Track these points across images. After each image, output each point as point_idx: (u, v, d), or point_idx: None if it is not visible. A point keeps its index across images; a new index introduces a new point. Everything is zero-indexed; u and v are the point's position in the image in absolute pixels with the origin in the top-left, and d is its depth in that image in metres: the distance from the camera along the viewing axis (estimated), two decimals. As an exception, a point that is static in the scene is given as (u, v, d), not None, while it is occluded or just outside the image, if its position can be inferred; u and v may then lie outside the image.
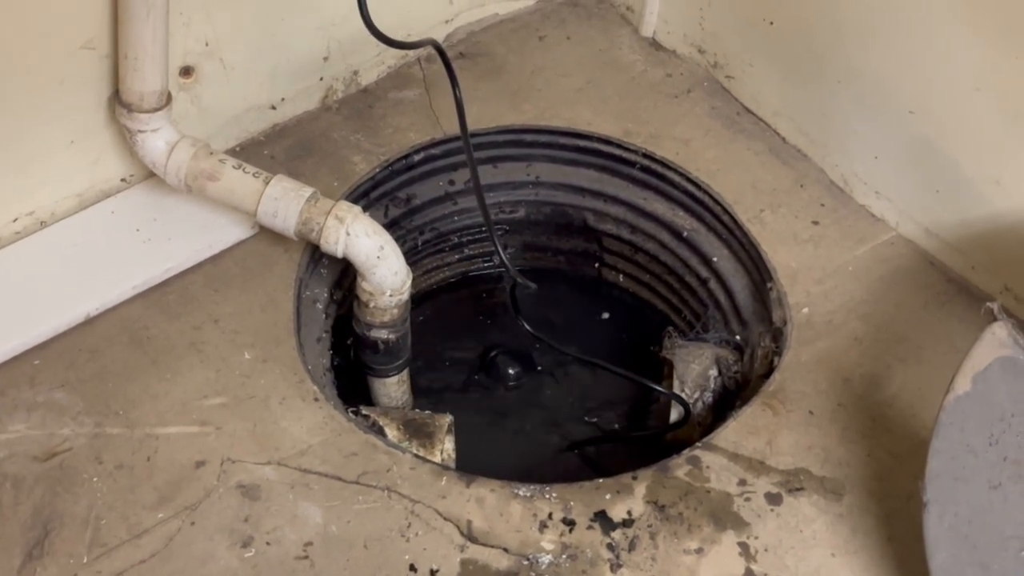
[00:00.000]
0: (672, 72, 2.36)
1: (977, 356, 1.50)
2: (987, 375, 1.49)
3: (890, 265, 2.03)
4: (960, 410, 1.50)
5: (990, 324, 1.51)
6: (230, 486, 1.68)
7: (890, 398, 1.84)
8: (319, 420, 1.77)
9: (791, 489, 1.72)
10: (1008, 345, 1.48)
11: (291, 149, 2.14)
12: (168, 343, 1.85)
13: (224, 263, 1.96)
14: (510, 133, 2.21)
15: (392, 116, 2.21)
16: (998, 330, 1.49)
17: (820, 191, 2.14)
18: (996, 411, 1.49)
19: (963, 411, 1.50)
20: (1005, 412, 1.49)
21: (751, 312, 2.05)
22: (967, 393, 1.50)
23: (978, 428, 1.50)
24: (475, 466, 1.85)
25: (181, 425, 1.74)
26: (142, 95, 1.82)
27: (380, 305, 1.90)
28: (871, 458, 1.76)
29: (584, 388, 2.38)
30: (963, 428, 1.50)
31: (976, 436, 1.50)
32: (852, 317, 1.95)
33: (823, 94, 2.10)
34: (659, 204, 2.20)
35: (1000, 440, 1.49)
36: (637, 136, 2.20)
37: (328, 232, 1.82)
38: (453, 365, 2.40)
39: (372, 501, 1.67)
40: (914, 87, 1.93)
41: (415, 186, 2.20)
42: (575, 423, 2.32)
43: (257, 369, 1.82)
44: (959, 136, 1.90)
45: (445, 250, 2.32)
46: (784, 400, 1.83)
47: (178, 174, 1.88)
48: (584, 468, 2.19)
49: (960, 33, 1.81)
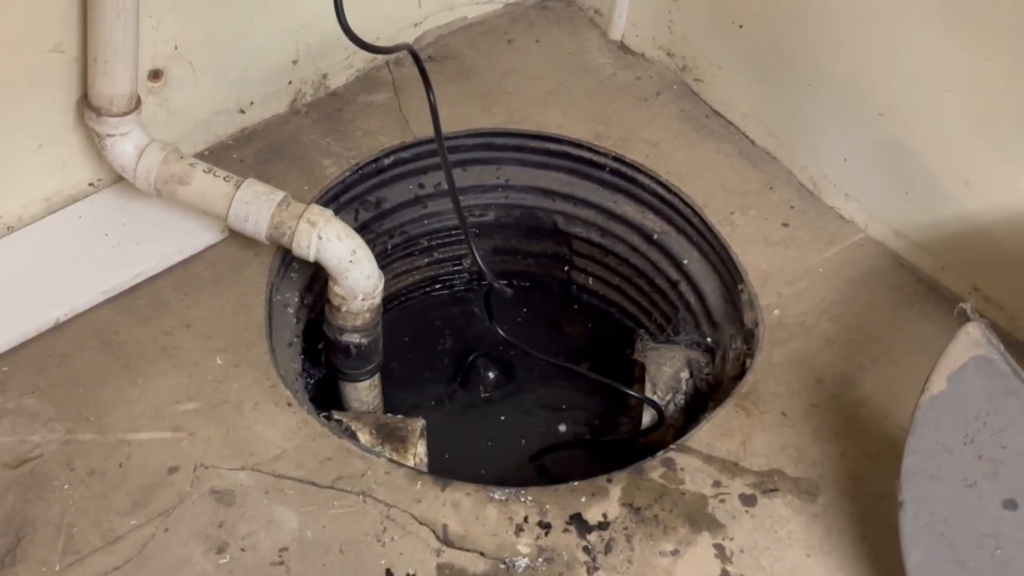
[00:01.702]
0: (641, 75, 2.36)
1: (952, 356, 1.51)
2: (962, 375, 1.50)
3: (860, 266, 2.04)
4: (935, 409, 1.51)
5: (964, 324, 1.52)
6: (204, 492, 1.66)
7: (863, 398, 1.85)
8: (293, 425, 1.76)
9: (765, 490, 1.73)
10: (982, 345, 1.50)
11: (260, 153, 2.13)
12: (139, 348, 1.83)
13: (195, 267, 1.95)
14: (480, 136, 2.21)
15: (361, 119, 2.21)
16: (972, 330, 1.50)
17: (790, 193, 2.15)
18: (971, 410, 1.50)
19: (938, 410, 1.51)
20: (980, 411, 1.50)
21: (722, 314, 2.06)
22: (942, 392, 1.51)
23: (953, 427, 1.51)
24: (448, 471, 1.85)
25: (153, 431, 1.73)
26: (111, 99, 1.81)
27: (352, 309, 1.89)
28: (845, 457, 1.77)
29: (557, 392, 2.38)
30: (938, 427, 1.51)
31: (951, 435, 1.51)
32: (823, 318, 1.96)
33: (792, 97, 2.11)
34: (629, 207, 2.20)
35: (975, 439, 1.50)
36: (607, 139, 2.20)
37: (300, 236, 1.81)
38: (424, 369, 2.39)
39: (347, 506, 1.66)
40: (884, 89, 1.94)
41: (385, 190, 2.19)
42: (548, 428, 2.32)
43: (229, 374, 1.81)
44: (928, 137, 1.91)
45: (415, 254, 2.31)
46: (757, 401, 1.84)
47: (148, 178, 1.86)
48: (558, 472, 2.18)
49: (930, 35, 1.82)
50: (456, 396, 2.37)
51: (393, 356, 2.11)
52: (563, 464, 2.21)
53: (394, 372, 2.17)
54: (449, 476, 1.74)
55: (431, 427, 1.97)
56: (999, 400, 1.49)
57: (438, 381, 2.39)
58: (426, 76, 1.81)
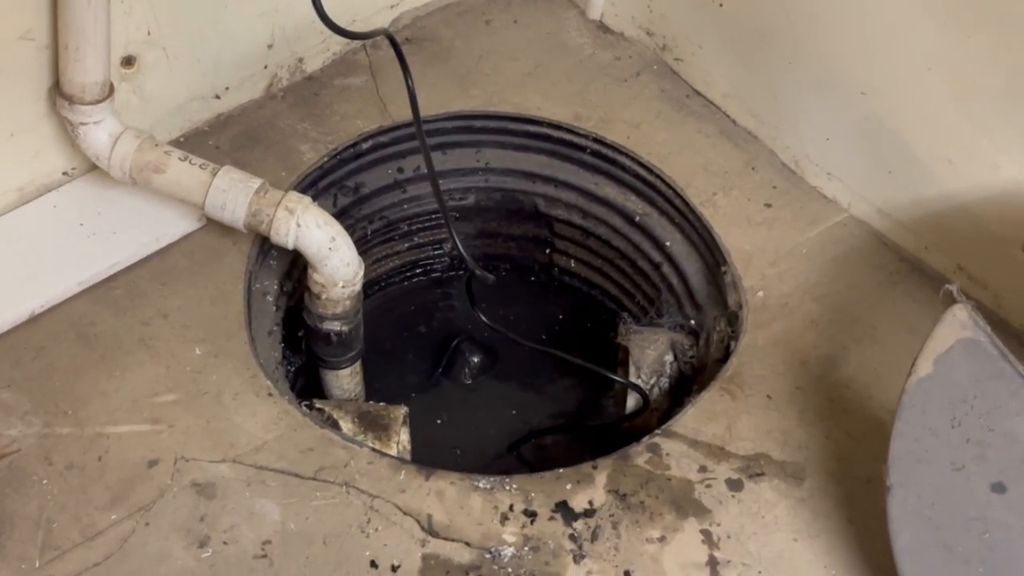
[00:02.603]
0: (621, 55, 2.34)
1: (938, 338, 1.50)
2: (948, 357, 1.49)
3: (843, 246, 2.03)
4: (922, 392, 1.50)
5: (950, 306, 1.50)
6: (184, 485, 1.64)
7: (847, 379, 1.84)
8: (274, 415, 1.74)
9: (752, 474, 1.72)
10: (969, 327, 1.48)
11: (237, 139, 2.10)
12: (116, 339, 1.81)
13: (172, 256, 1.92)
14: (459, 119, 2.18)
15: (338, 103, 2.18)
16: (959, 312, 1.49)
17: (772, 173, 2.13)
18: (958, 393, 1.49)
19: (925, 393, 1.50)
20: (967, 394, 1.49)
21: (705, 296, 2.05)
22: (929, 375, 1.50)
23: (940, 410, 1.50)
24: (431, 458, 1.83)
25: (132, 423, 1.71)
26: (84, 86, 1.78)
27: (332, 297, 1.87)
28: (830, 440, 1.76)
29: (540, 377, 2.37)
30: (925, 410, 1.50)
31: (938, 418, 1.50)
32: (807, 299, 1.95)
33: (773, 76, 2.09)
34: (610, 188, 2.18)
35: (963, 422, 1.49)
36: (587, 120, 2.18)
37: (278, 224, 1.79)
38: (406, 354, 2.38)
39: (330, 497, 1.65)
40: (865, 68, 1.92)
41: (363, 174, 2.16)
42: (531, 413, 2.31)
43: (209, 364, 1.79)
44: (911, 116, 1.90)
45: (395, 238, 2.29)
46: (742, 384, 1.83)
47: (122, 167, 1.83)
48: (542, 460, 2.17)
49: (911, 12, 1.81)
50: (439, 382, 2.36)
51: (374, 342, 2.09)
52: (547, 450, 2.21)
53: (375, 358, 2.15)
54: (432, 464, 1.73)
55: (414, 414, 1.95)
56: (986, 383, 1.48)
57: (420, 366, 2.37)
58: (404, 62, 1.79)
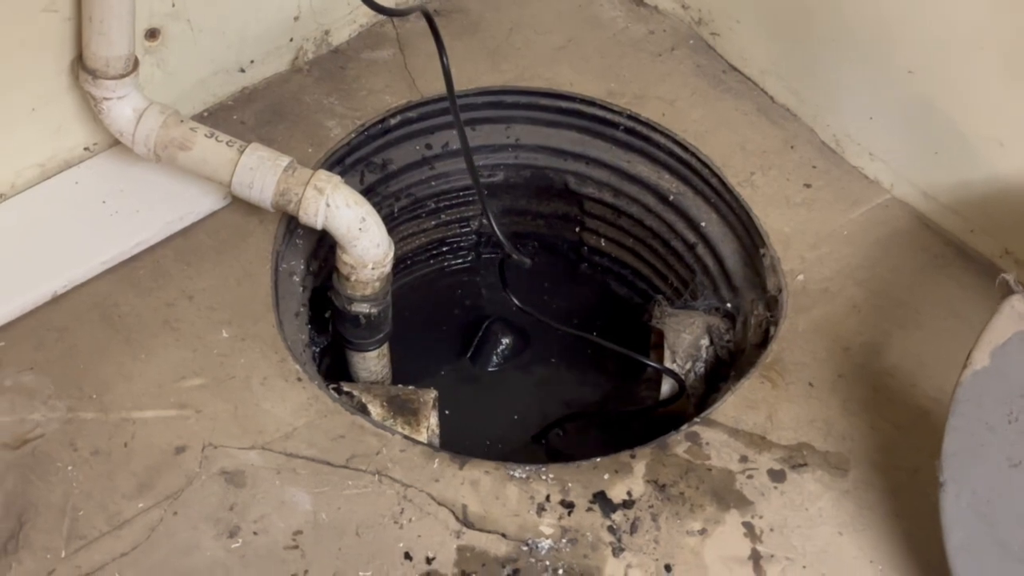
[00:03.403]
0: (655, 29, 2.28)
1: (995, 330, 1.46)
2: (1006, 350, 1.45)
3: (886, 228, 1.98)
4: (978, 386, 1.46)
5: (1008, 297, 1.46)
6: (213, 472, 1.60)
7: (890, 367, 1.79)
8: (303, 401, 1.70)
9: (794, 465, 1.67)
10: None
11: (262, 114, 2.05)
12: (140, 321, 1.76)
13: (196, 236, 1.88)
14: (489, 95, 2.13)
15: (366, 77, 2.13)
16: (1017, 303, 1.46)
17: (811, 152, 2.08)
18: (1016, 387, 1.45)
19: (981, 387, 1.46)
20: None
21: (742, 278, 1.99)
22: (985, 368, 1.46)
23: (997, 404, 1.46)
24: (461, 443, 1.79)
25: (158, 408, 1.67)
26: (108, 60, 1.73)
27: (362, 279, 1.82)
28: (874, 430, 1.72)
29: (572, 361, 2.33)
30: (981, 404, 1.46)
31: (995, 413, 1.46)
32: (849, 283, 1.90)
33: (814, 52, 2.03)
34: (644, 167, 2.13)
35: (1020, 417, 1.45)
36: (621, 97, 2.13)
37: (307, 204, 1.74)
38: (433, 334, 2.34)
39: (363, 486, 1.61)
40: (912, 45, 1.86)
41: (391, 151, 2.12)
42: (563, 397, 2.27)
43: (236, 348, 1.75)
44: (960, 96, 1.84)
45: (422, 216, 2.24)
46: (782, 372, 1.78)
47: (147, 143, 1.79)
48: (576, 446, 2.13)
49: (965, -14, 1.75)
50: (468, 364, 2.32)
51: (401, 321, 2.04)
52: (580, 437, 2.16)
53: (402, 338, 2.10)
54: (463, 449, 1.68)
55: (442, 397, 1.91)
56: (1045, 376, 1.44)
57: (449, 348, 2.34)
58: (440, 40, 1.73)
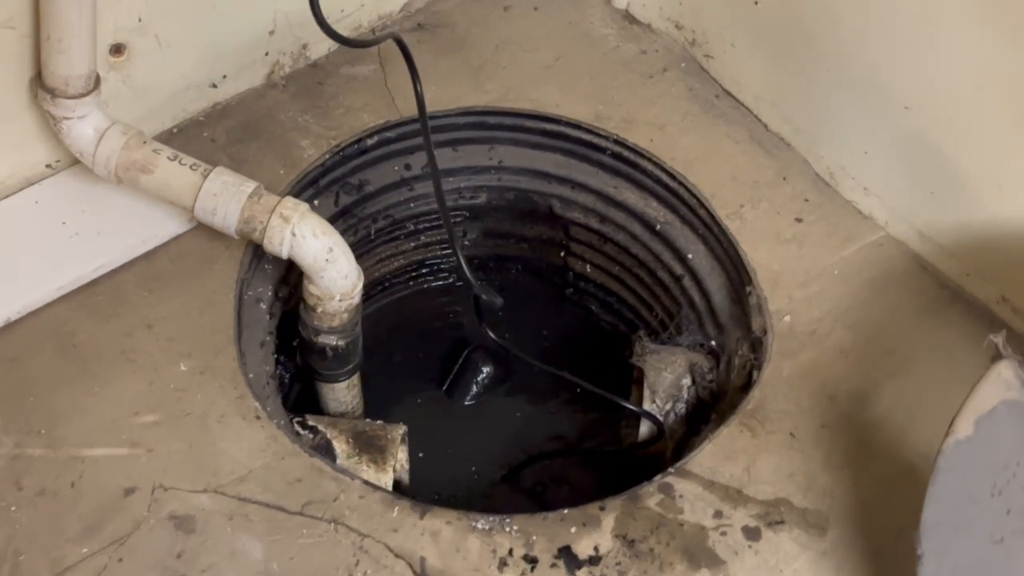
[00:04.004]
0: (647, 48, 2.20)
1: (981, 397, 1.38)
2: (992, 419, 1.38)
3: (879, 268, 1.89)
4: (961, 455, 1.38)
5: (996, 362, 1.38)
6: (162, 517, 1.54)
7: (878, 419, 1.71)
8: (261, 441, 1.63)
9: (771, 522, 1.60)
10: (1015, 388, 1.37)
11: (234, 131, 1.97)
12: (97, 351, 1.70)
13: (160, 260, 1.81)
14: (471, 115, 2.05)
15: (344, 95, 2.05)
16: (1004, 370, 1.38)
17: (805, 184, 1.99)
18: (1000, 459, 1.38)
19: (964, 457, 1.38)
20: (1010, 460, 1.38)
21: (728, 316, 1.92)
22: (969, 438, 1.38)
23: (980, 476, 1.38)
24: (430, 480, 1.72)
25: (109, 446, 1.60)
26: (67, 79, 1.66)
27: (328, 310, 1.76)
28: (858, 486, 1.64)
29: (552, 394, 2.27)
30: (964, 475, 1.38)
31: (978, 485, 1.38)
32: (838, 326, 1.82)
33: (810, 81, 1.95)
34: (631, 193, 2.05)
35: (1004, 491, 1.37)
36: (608, 120, 2.05)
37: (272, 232, 1.67)
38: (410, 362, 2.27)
39: (318, 535, 1.54)
40: (911, 80, 1.78)
41: (368, 171, 2.04)
42: (541, 433, 2.21)
43: (194, 382, 1.68)
44: (959, 136, 1.75)
45: (400, 238, 2.16)
46: (764, 420, 1.71)
47: (108, 165, 1.72)
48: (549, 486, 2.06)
49: (964, 22, 1.66)
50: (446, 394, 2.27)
51: (377, 347, 1.98)
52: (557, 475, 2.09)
53: (378, 364, 2.04)
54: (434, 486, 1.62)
55: (416, 428, 1.85)
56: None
57: (426, 376, 2.28)
58: (414, 68, 1.67)
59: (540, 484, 2.10)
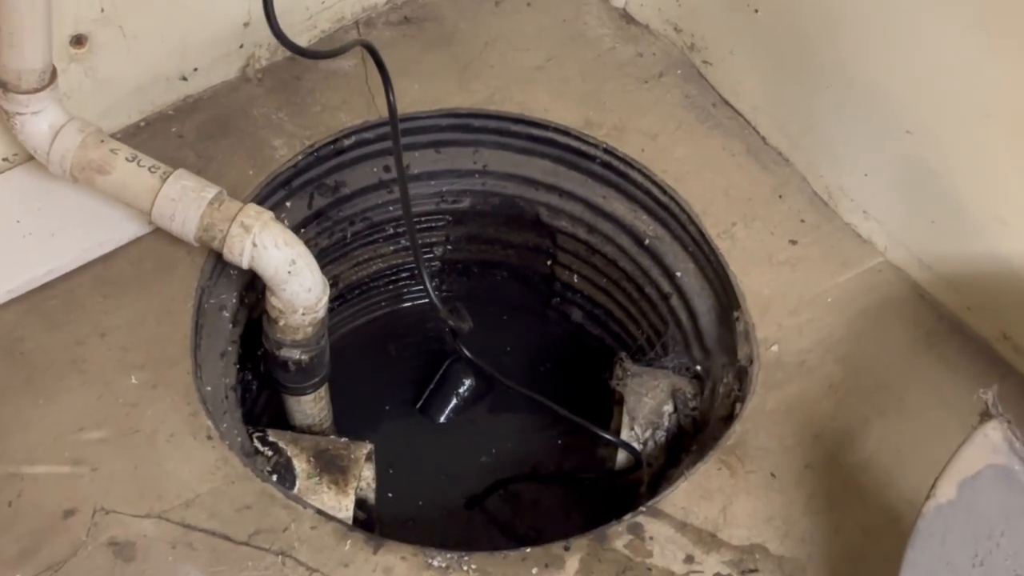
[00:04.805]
0: (643, 51, 2.09)
1: (965, 460, 1.29)
2: (976, 484, 1.29)
3: (875, 295, 1.80)
4: (942, 520, 1.30)
5: (983, 423, 1.28)
6: (101, 542, 1.46)
7: (865, 461, 1.62)
8: (211, 463, 1.55)
9: (744, 570, 1.51)
10: (1003, 452, 1.28)
11: (204, 127, 1.88)
12: (46, 359, 1.62)
13: (117, 264, 1.73)
14: (455, 117, 1.96)
15: (322, 91, 1.95)
16: (992, 432, 1.28)
17: (801, 203, 1.89)
18: (983, 526, 1.29)
19: (945, 521, 1.30)
20: (994, 529, 1.29)
21: (715, 339, 1.83)
22: (951, 502, 1.30)
23: (961, 544, 1.30)
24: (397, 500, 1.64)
25: (52, 463, 1.53)
26: (19, 74, 1.57)
27: (291, 324, 1.67)
28: (838, 534, 1.55)
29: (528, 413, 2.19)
30: (944, 541, 1.30)
31: (959, 553, 1.30)
32: (828, 358, 1.72)
33: (811, 95, 1.84)
34: (620, 204, 1.96)
35: (986, 561, 1.29)
36: (599, 128, 1.95)
37: (232, 241, 1.59)
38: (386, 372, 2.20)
39: (263, 568, 1.46)
40: (914, 104, 1.68)
41: (345, 172, 1.95)
42: (516, 453, 2.14)
43: (145, 396, 1.60)
44: (961, 165, 1.65)
45: (378, 241, 2.08)
46: (744, 457, 1.62)
47: (62, 164, 1.64)
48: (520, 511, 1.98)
49: (970, 48, 1.56)
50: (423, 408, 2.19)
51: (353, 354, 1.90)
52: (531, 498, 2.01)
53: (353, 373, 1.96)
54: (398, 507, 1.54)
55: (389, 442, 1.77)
56: (1018, 519, 1.28)
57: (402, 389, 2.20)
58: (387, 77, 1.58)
59: (512, 508, 2.02)
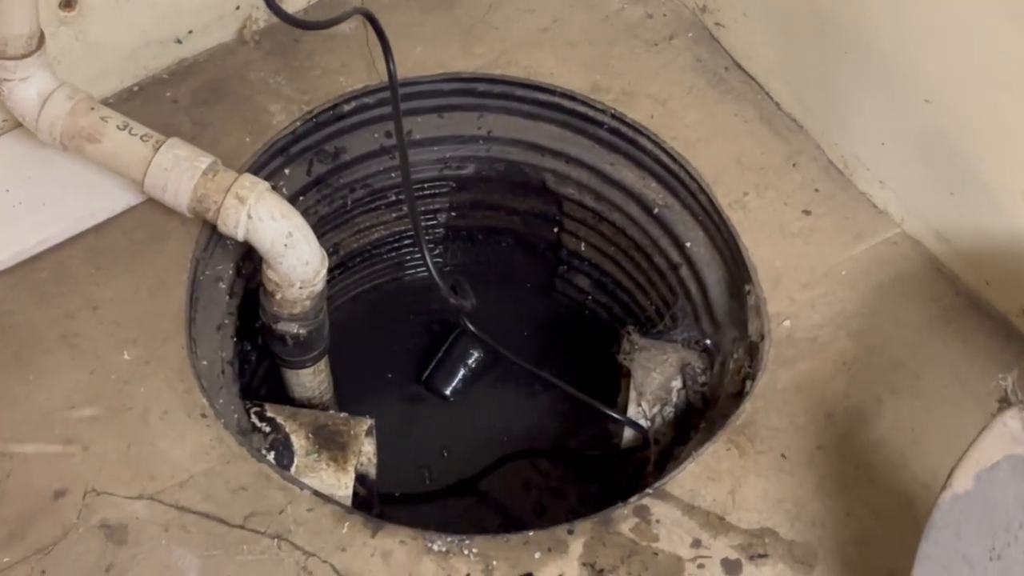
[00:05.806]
0: (653, 12, 2.02)
1: (983, 450, 1.25)
2: (993, 475, 1.25)
3: (891, 269, 1.74)
4: (957, 512, 1.26)
5: (1002, 411, 1.24)
6: (92, 524, 1.43)
7: (878, 441, 1.58)
8: (205, 442, 1.51)
9: (753, 555, 1.47)
10: (1022, 441, 1.23)
11: (199, 92, 1.83)
12: (35, 334, 1.59)
13: (109, 234, 1.68)
14: (458, 82, 1.90)
15: (321, 54, 1.90)
16: (1011, 421, 1.24)
17: (816, 172, 1.83)
18: (1001, 518, 1.25)
19: (961, 513, 1.26)
20: (1012, 521, 1.25)
21: (725, 312, 1.78)
22: (967, 493, 1.25)
23: (978, 536, 1.25)
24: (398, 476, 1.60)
25: (41, 442, 1.50)
26: (6, 40, 1.53)
27: (288, 297, 1.63)
28: (851, 518, 1.51)
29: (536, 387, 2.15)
30: (959, 534, 1.25)
31: (975, 546, 1.25)
32: (841, 334, 1.67)
33: (826, 61, 1.78)
34: (628, 171, 1.90)
35: (1003, 554, 1.25)
36: (607, 92, 1.89)
37: (227, 213, 1.54)
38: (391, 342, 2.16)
39: (259, 552, 1.43)
40: (933, 73, 1.62)
41: (345, 138, 1.90)
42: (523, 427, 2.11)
43: (138, 373, 1.56)
44: (981, 138, 1.60)
45: (381, 208, 2.03)
46: (753, 437, 1.57)
47: (52, 131, 1.59)
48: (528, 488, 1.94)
49: (997, 18, 1.49)
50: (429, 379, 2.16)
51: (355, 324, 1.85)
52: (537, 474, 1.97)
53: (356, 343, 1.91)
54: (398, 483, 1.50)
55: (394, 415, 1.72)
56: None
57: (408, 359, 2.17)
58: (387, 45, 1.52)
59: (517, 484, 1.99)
